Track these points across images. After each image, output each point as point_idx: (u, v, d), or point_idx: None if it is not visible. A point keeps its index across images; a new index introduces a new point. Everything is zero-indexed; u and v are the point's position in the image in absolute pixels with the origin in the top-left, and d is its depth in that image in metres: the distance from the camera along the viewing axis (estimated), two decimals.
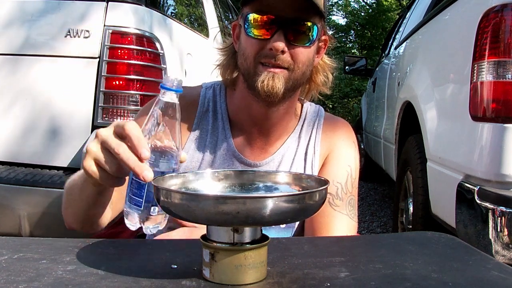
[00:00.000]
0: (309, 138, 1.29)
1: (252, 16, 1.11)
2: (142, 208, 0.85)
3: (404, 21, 4.52)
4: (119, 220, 1.49)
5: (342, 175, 1.24)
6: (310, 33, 1.12)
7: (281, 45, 1.08)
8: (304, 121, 1.31)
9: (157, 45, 2.38)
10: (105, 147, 0.83)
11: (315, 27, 1.11)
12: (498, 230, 1.74)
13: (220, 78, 1.32)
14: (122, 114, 2.30)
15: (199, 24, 3.75)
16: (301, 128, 1.30)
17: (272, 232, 0.75)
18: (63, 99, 2.32)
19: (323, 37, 1.22)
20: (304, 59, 1.13)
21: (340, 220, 1.20)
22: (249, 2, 1.12)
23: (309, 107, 1.34)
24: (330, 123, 1.32)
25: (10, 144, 2.35)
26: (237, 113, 1.26)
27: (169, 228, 1.14)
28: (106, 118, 2.27)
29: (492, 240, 1.75)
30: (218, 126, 1.25)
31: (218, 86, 1.30)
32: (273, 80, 1.10)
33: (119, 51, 2.28)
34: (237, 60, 1.21)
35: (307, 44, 1.12)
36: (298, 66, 1.13)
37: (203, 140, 1.24)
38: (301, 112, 1.32)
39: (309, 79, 1.24)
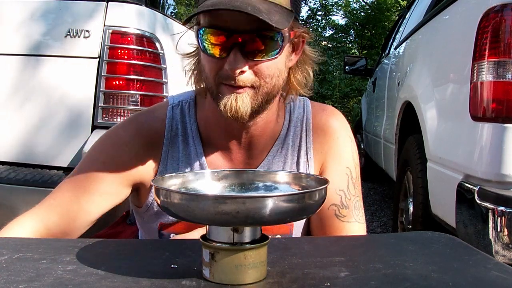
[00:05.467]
0: (300, 144, 1.17)
1: (205, 31, 0.95)
2: None
3: (404, 21, 4.52)
4: (119, 220, 1.50)
5: (343, 181, 1.16)
6: (271, 44, 0.95)
7: (238, 66, 0.93)
8: (289, 122, 1.17)
9: (157, 45, 2.38)
10: None
11: (278, 35, 0.94)
12: (498, 230, 1.74)
13: (188, 88, 1.15)
14: (122, 114, 2.30)
15: None
16: (287, 132, 1.17)
17: None
18: (63, 99, 2.32)
19: (299, 33, 1.03)
20: (271, 72, 0.97)
21: (350, 229, 1.15)
22: (201, 12, 0.94)
23: (292, 104, 1.19)
24: (320, 120, 1.19)
25: (10, 144, 2.35)
26: (210, 130, 1.12)
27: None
28: (106, 118, 2.27)
29: (492, 240, 1.75)
30: (190, 152, 1.12)
31: (187, 104, 1.15)
32: (237, 102, 0.95)
33: (119, 51, 2.28)
34: None
35: (272, 57, 0.96)
36: (264, 81, 0.97)
37: (174, 170, 1.10)
38: (284, 112, 1.17)
39: (287, 81, 1.08)
